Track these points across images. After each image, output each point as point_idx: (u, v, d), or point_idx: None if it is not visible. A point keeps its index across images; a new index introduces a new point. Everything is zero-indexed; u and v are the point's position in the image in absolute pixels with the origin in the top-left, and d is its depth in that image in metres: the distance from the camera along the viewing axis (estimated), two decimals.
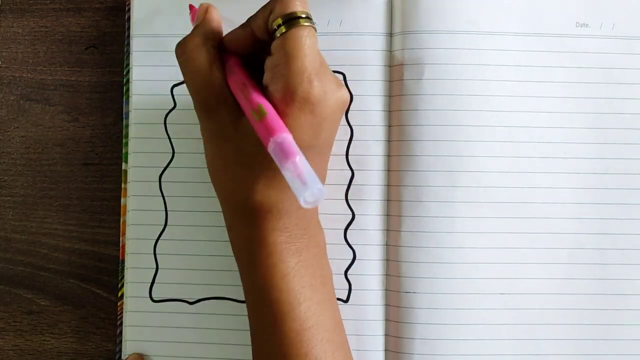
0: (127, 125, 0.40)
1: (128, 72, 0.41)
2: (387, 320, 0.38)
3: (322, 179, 0.34)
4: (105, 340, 0.41)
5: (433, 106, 0.38)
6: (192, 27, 0.34)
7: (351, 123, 0.39)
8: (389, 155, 0.39)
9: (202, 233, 0.39)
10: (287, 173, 0.28)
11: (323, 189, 0.27)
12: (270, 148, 0.29)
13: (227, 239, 0.35)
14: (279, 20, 0.31)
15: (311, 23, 0.31)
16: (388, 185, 0.39)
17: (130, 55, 0.40)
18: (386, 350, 0.38)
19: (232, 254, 0.35)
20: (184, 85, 0.40)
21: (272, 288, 0.32)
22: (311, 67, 0.30)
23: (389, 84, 0.39)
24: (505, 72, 0.38)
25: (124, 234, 0.40)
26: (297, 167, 0.28)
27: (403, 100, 0.38)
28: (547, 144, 0.38)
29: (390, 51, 0.39)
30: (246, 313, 0.34)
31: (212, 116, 0.33)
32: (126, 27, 0.41)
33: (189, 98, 0.40)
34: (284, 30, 0.30)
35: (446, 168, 0.38)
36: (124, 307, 0.40)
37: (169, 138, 0.40)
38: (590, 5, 0.39)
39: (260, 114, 0.30)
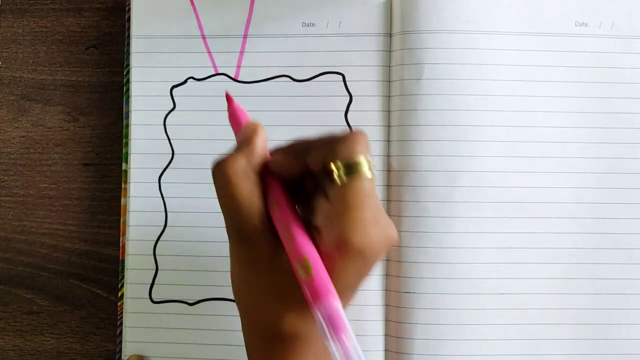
0: (127, 126, 0.41)
1: (128, 72, 0.41)
2: (387, 320, 0.38)
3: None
4: (105, 340, 0.41)
5: (432, 106, 0.38)
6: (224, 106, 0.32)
7: (351, 124, 0.39)
8: (388, 156, 0.39)
9: (202, 234, 0.39)
10: (334, 349, 0.26)
11: None
12: (317, 316, 0.27)
13: (227, 239, 0.35)
14: (341, 166, 0.27)
15: (372, 171, 0.28)
16: (388, 186, 0.39)
17: (130, 55, 0.40)
18: (386, 350, 0.38)
19: None
20: (184, 86, 0.40)
21: None
22: (371, 219, 0.27)
23: (388, 84, 0.39)
24: (504, 72, 0.38)
25: (124, 234, 0.40)
26: (344, 344, 0.26)
27: (402, 100, 0.38)
28: (547, 143, 0.38)
29: (389, 51, 0.39)
30: None
31: (246, 245, 0.29)
32: (126, 27, 0.41)
33: (189, 99, 0.40)
34: (345, 180, 0.27)
35: (446, 168, 0.38)
36: (124, 308, 0.40)
37: (169, 139, 0.40)
38: (589, 4, 0.39)
39: (307, 270, 0.27)
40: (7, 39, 0.42)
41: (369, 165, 0.28)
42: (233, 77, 0.40)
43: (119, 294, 0.40)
